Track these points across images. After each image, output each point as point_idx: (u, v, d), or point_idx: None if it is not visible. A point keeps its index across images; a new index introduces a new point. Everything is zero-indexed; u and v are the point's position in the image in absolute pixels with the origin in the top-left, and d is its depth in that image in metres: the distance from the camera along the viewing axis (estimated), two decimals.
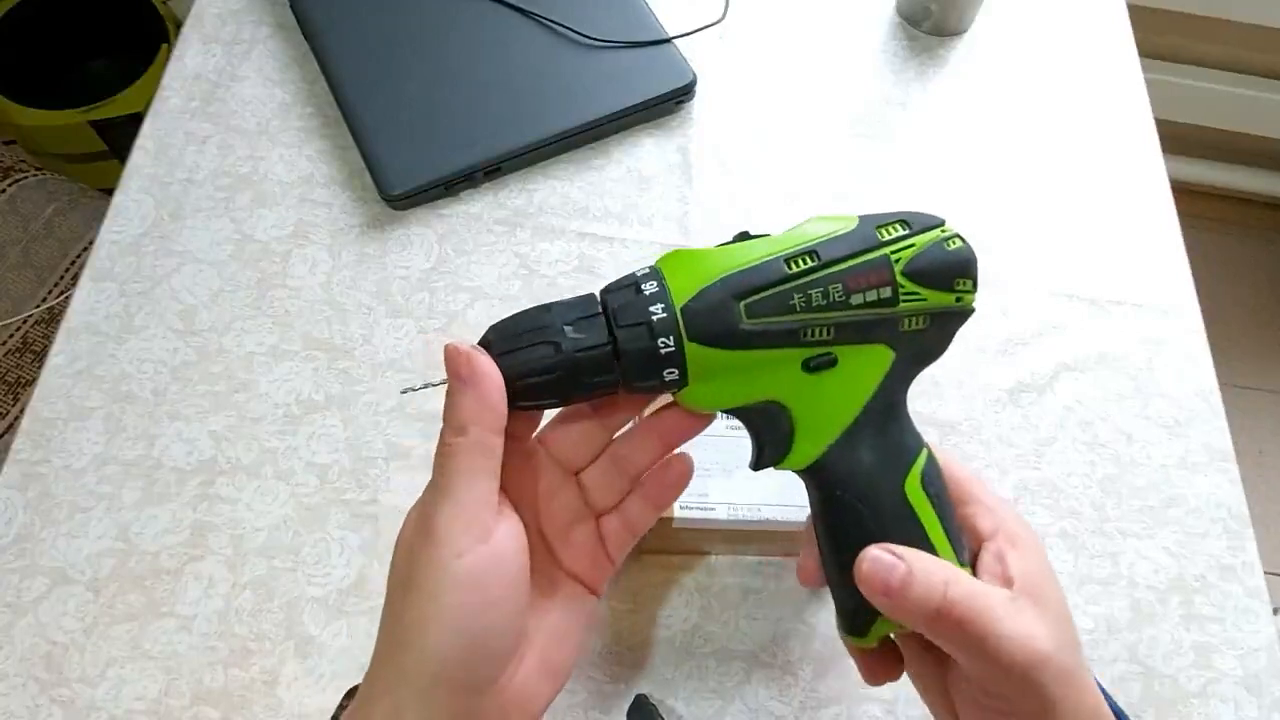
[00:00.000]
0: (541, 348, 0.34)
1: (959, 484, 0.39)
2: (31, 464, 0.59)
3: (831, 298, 0.34)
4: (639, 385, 0.35)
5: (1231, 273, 1.66)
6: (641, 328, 0.34)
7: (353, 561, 0.57)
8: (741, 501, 0.50)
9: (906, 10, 0.80)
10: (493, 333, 0.36)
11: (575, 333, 0.34)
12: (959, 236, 0.36)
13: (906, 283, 0.34)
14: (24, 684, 0.53)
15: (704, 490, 0.51)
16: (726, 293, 0.34)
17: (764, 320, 0.34)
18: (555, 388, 0.35)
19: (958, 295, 0.36)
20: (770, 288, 0.34)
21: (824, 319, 0.34)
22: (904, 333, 0.35)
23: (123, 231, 0.67)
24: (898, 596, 0.33)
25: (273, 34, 0.76)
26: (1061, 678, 0.33)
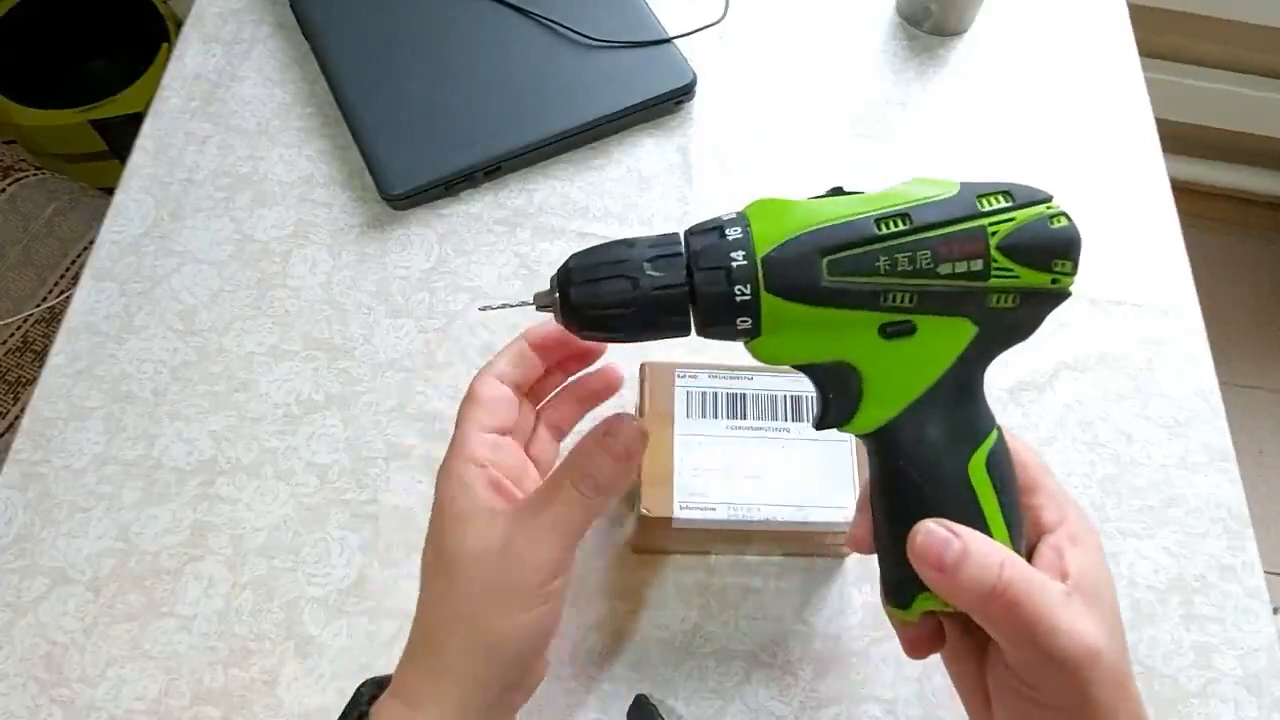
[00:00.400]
0: (619, 281, 0.34)
1: (1028, 472, 0.38)
2: (31, 464, 0.59)
3: (919, 264, 0.33)
4: (711, 330, 0.35)
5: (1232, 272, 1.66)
6: (719, 272, 0.33)
7: (353, 561, 0.57)
8: (741, 501, 0.51)
9: (906, 10, 0.80)
10: (574, 260, 0.35)
11: (654, 270, 0.34)
12: (1065, 215, 0.34)
13: (1000, 258, 0.33)
14: (24, 684, 0.53)
15: (704, 490, 0.51)
16: (811, 246, 0.33)
17: (846, 279, 0.33)
18: (628, 323, 0.35)
19: (1054, 276, 0.34)
20: (857, 246, 0.33)
21: (908, 285, 0.33)
22: (991, 309, 0.34)
23: (123, 231, 0.67)
24: (950, 573, 0.33)
25: (273, 34, 0.76)
26: (1107, 679, 0.32)
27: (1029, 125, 0.76)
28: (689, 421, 0.52)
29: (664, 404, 0.53)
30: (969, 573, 0.32)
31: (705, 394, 0.53)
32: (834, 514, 0.50)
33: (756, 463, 0.52)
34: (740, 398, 0.53)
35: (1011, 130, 0.76)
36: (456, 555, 0.37)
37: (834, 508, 0.50)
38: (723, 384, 0.54)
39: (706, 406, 0.53)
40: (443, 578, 0.38)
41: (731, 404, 0.53)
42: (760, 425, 0.53)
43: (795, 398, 0.53)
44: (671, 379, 0.53)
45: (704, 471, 0.51)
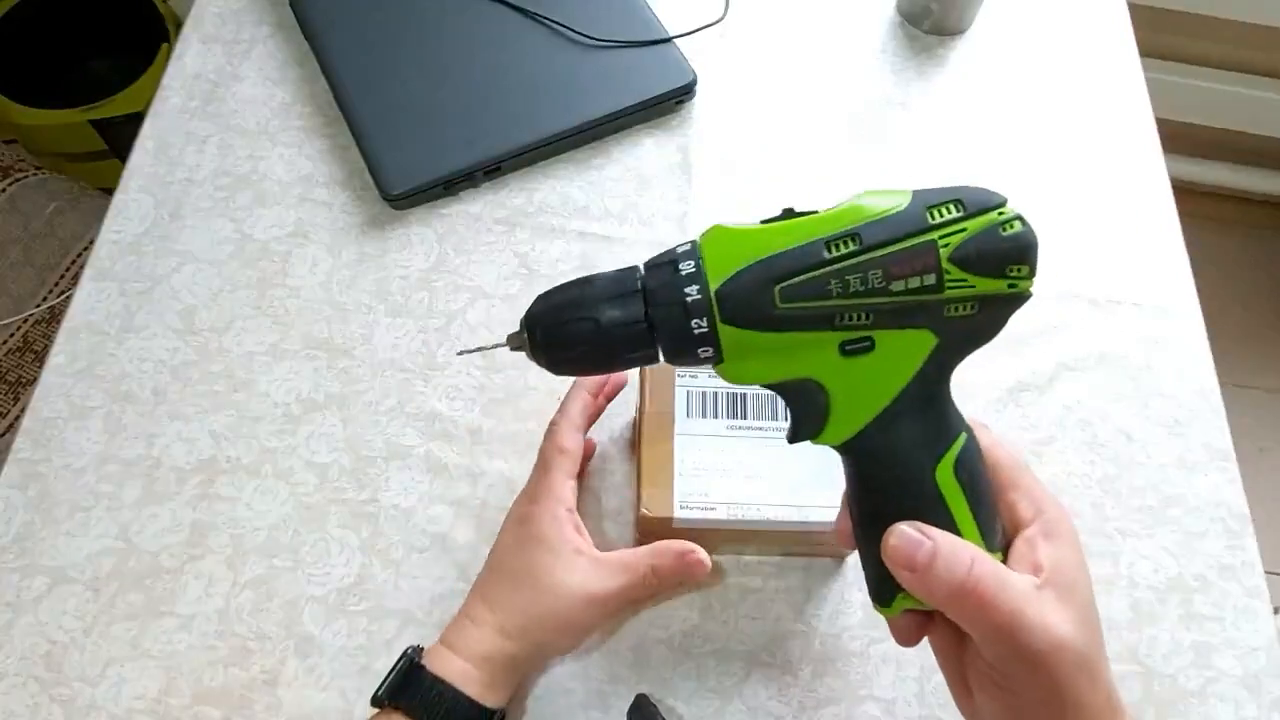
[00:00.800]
0: (582, 323, 0.36)
1: (1004, 470, 0.39)
2: (32, 463, 0.59)
3: (870, 284, 0.33)
4: (677, 359, 0.36)
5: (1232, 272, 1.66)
6: (676, 308, 0.34)
7: (352, 561, 0.57)
8: (742, 501, 0.50)
9: (907, 10, 0.80)
10: (538, 304, 0.38)
11: (612, 309, 0.35)
12: (1019, 219, 0.34)
13: (954, 269, 0.33)
14: (24, 683, 0.53)
15: (704, 490, 0.51)
16: (762, 276, 0.33)
17: (799, 305, 0.33)
18: (596, 359, 0.37)
19: (1011, 282, 0.34)
20: (807, 271, 0.33)
21: (861, 304, 0.33)
22: (949, 318, 0.34)
23: (123, 231, 0.67)
24: (921, 573, 0.34)
25: (273, 34, 0.76)
26: (1075, 669, 0.34)
27: (1029, 125, 0.76)
28: (689, 421, 0.52)
29: (664, 404, 0.53)
30: (939, 572, 0.34)
31: (705, 394, 0.53)
32: (834, 514, 0.50)
33: (757, 463, 0.51)
34: (740, 398, 0.53)
35: (1011, 130, 0.76)
36: (541, 581, 0.48)
37: (834, 508, 0.50)
38: (723, 384, 0.53)
39: (707, 406, 0.53)
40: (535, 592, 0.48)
41: (732, 404, 0.53)
42: (761, 425, 0.53)
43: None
44: (672, 379, 0.53)
45: (704, 471, 0.51)
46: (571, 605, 0.48)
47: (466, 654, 0.48)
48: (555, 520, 0.50)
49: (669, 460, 0.51)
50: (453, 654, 0.48)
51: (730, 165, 0.73)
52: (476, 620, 0.49)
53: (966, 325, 0.35)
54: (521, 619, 0.49)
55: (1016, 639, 0.33)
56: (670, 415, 0.52)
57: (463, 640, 0.49)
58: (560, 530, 0.49)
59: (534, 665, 0.53)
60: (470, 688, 0.47)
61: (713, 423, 0.52)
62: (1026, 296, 0.35)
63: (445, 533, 0.58)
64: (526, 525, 0.50)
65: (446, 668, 0.48)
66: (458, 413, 0.62)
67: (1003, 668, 0.35)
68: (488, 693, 0.48)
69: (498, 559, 0.52)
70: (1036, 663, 0.33)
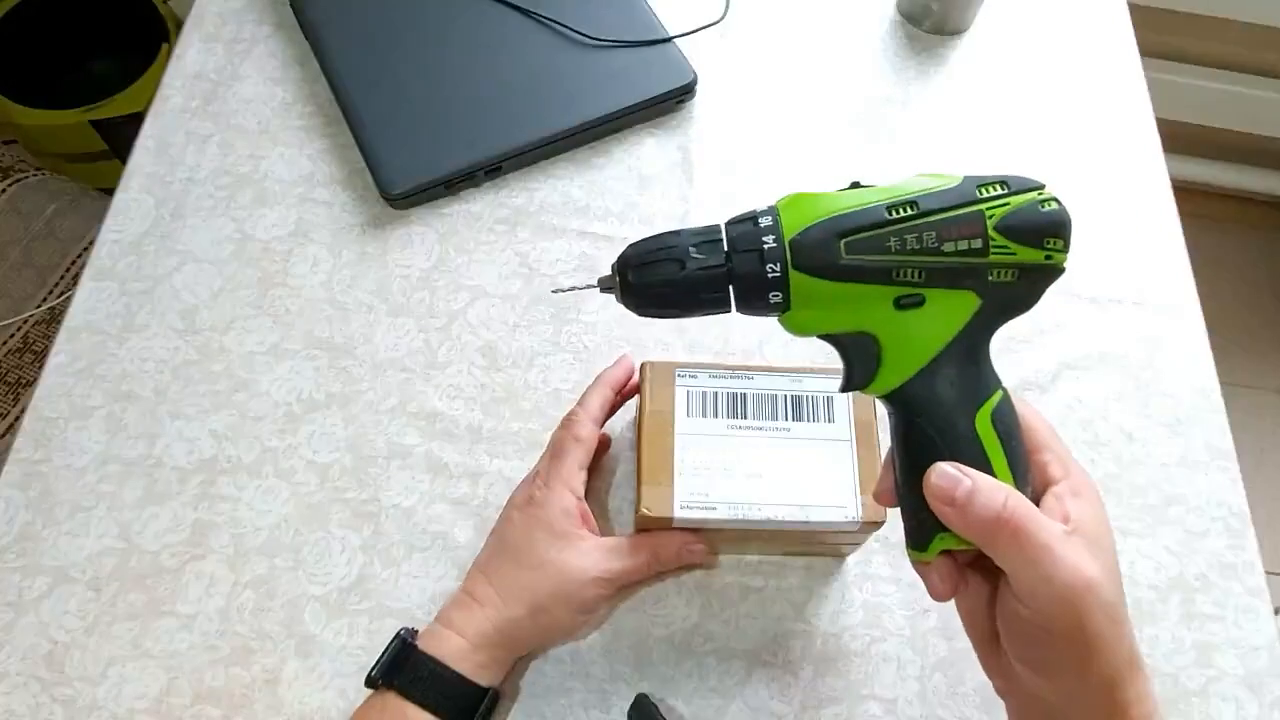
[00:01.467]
0: (669, 265, 0.39)
1: (1037, 432, 0.41)
2: (33, 463, 0.59)
3: (925, 243, 0.37)
4: (748, 306, 0.39)
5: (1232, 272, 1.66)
6: (753, 254, 0.38)
7: (354, 560, 0.57)
8: (742, 501, 0.50)
9: (907, 9, 0.80)
10: (630, 248, 0.41)
11: (698, 253, 0.39)
12: (1056, 199, 0.38)
13: (998, 237, 0.37)
14: (25, 683, 0.53)
15: (705, 489, 0.51)
16: (831, 230, 0.37)
17: (861, 258, 0.37)
18: (677, 301, 0.40)
19: (1048, 254, 0.38)
20: (870, 229, 0.37)
21: (916, 262, 0.37)
22: (992, 283, 0.38)
23: (123, 231, 0.67)
24: (961, 507, 0.36)
25: (273, 33, 0.76)
26: (1101, 609, 0.35)
27: (1029, 124, 0.76)
28: (689, 420, 0.52)
29: (664, 402, 0.53)
30: (977, 506, 0.36)
31: (706, 393, 0.53)
32: (835, 513, 0.50)
33: (757, 462, 0.52)
34: (741, 397, 0.53)
35: (1012, 129, 0.76)
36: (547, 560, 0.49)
37: (835, 507, 0.50)
38: (723, 383, 0.54)
39: (707, 405, 0.53)
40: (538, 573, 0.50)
41: (732, 403, 0.53)
42: (760, 424, 0.53)
43: (796, 397, 0.53)
44: (672, 378, 0.53)
45: (704, 470, 0.51)
46: (576, 586, 0.50)
47: (465, 632, 0.49)
48: (564, 507, 0.51)
49: (669, 459, 0.51)
50: (450, 632, 0.49)
51: (731, 165, 0.73)
52: (481, 600, 0.50)
53: (1007, 291, 0.38)
54: (528, 600, 0.50)
55: (1049, 570, 0.35)
56: (670, 414, 0.52)
57: (463, 618, 0.50)
58: (568, 515, 0.51)
59: (532, 645, 0.53)
60: (464, 665, 0.48)
61: (713, 422, 0.52)
62: (1061, 270, 0.39)
63: (446, 532, 0.58)
64: (535, 508, 0.51)
65: (441, 646, 0.49)
66: (458, 412, 0.62)
67: (1033, 602, 0.36)
68: (482, 671, 0.49)
69: (503, 539, 0.52)
70: (1066, 598, 0.35)
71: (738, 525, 0.51)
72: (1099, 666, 0.36)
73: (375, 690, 0.49)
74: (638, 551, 0.51)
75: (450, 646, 0.49)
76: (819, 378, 0.54)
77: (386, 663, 0.49)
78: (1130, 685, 0.37)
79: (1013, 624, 0.38)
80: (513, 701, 0.53)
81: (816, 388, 0.54)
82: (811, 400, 0.53)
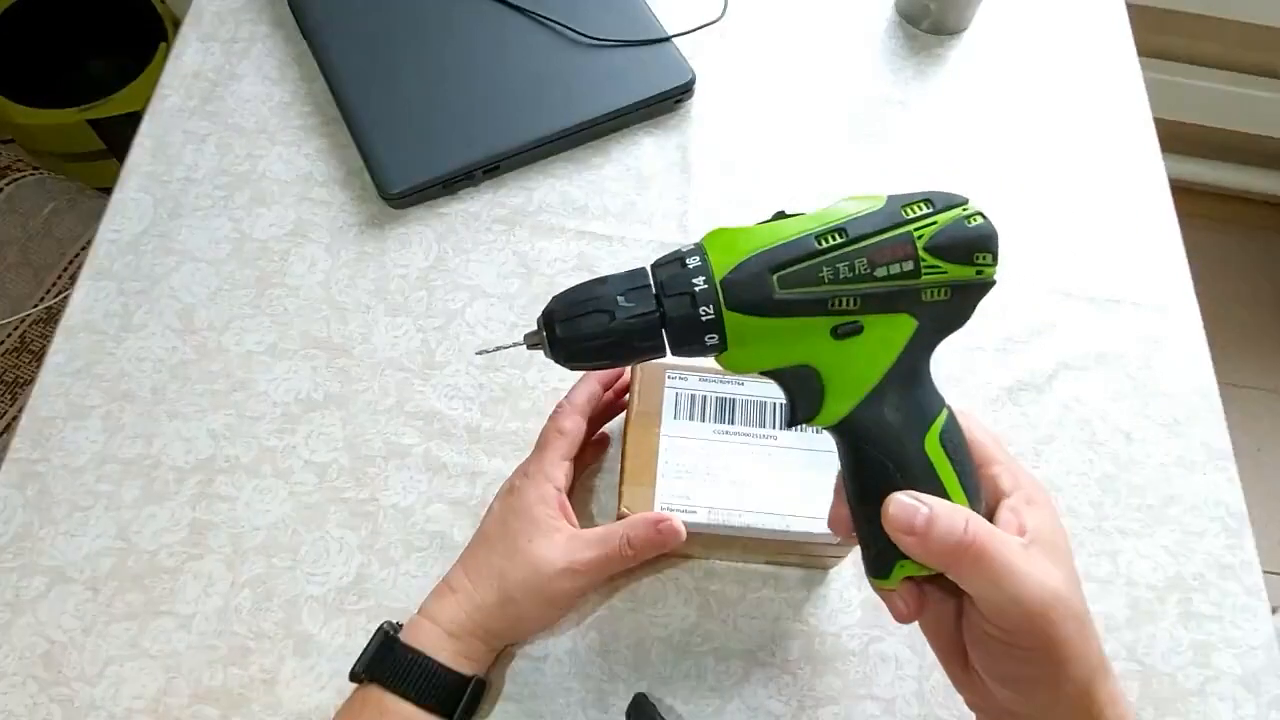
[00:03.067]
0: (598, 316, 0.39)
1: (982, 446, 0.41)
2: (30, 463, 0.59)
3: (857, 270, 0.37)
4: (684, 349, 0.39)
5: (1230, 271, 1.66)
6: (685, 297, 0.38)
7: (351, 560, 0.57)
8: (724, 506, 0.50)
9: (905, 9, 0.80)
10: (555, 301, 0.40)
11: (626, 302, 0.38)
12: (980, 214, 0.38)
13: (928, 257, 0.37)
14: (23, 683, 0.53)
15: (686, 492, 0.50)
16: (761, 266, 0.37)
17: (795, 290, 0.37)
18: (609, 352, 0.39)
19: (978, 269, 0.38)
20: (801, 261, 0.37)
21: (850, 290, 0.37)
22: (926, 303, 0.38)
23: (121, 230, 0.67)
24: (921, 535, 0.36)
25: (271, 32, 0.76)
26: (1071, 620, 0.36)
27: (1028, 124, 0.76)
28: (676, 423, 0.52)
29: (652, 404, 0.53)
30: (938, 533, 0.36)
31: (694, 396, 0.53)
32: (816, 525, 0.50)
33: (741, 468, 0.51)
34: (729, 402, 0.53)
35: (1010, 129, 0.76)
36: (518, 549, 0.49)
37: (817, 518, 0.50)
38: (713, 388, 0.53)
39: (695, 409, 0.53)
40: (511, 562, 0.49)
41: (720, 408, 0.53)
42: (747, 431, 0.53)
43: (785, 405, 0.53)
44: (662, 380, 0.53)
45: (687, 474, 0.51)
46: (546, 575, 0.49)
47: (440, 620, 0.50)
48: (541, 496, 0.51)
49: (653, 460, 0.51)
50: (430, 623, 0.50)
51: (729, 164, 0.73)
52: (454, 587, 0.51)
53: (941, 309, 0.38)
54: (498, 586, 0.50)
55: (1015, 590, 0.35)
56: (657, 416, 0.52)
57: (439, 606, 0.50)
58: (544, 505, 0.51)
59: (507, 635, 0.53)
60: (442, 654, 0.48)
61: (700, 426, 0.52)
62: (992, 283, 0.39)
63: (444, 531, 0.58)
64: (513, 497, 0.52)
65: (421, 637, 0.49)
66: (456, 412, 0.62)
67: (1001, 621, 0.36)
68: (463, 660, 0.49)
69: (483, 529, 0.53)
70: (1034, 614, 0.35)
71: (718, 530, 0.50)
72: (1071, 674, 0.36)
73: (359, 684, 0.49)
74: (610, 539, 0.50)
75: (429, 636, 0.49)
76: None
77: (369, 656, 0.49)
78: (1101, 687, 0.37)
79: (982, 643, 0.38)
80: (511, 701, 0.53)
81: None
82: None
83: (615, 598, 0.57)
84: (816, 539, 0.51)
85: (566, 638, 0.56)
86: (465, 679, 0.50)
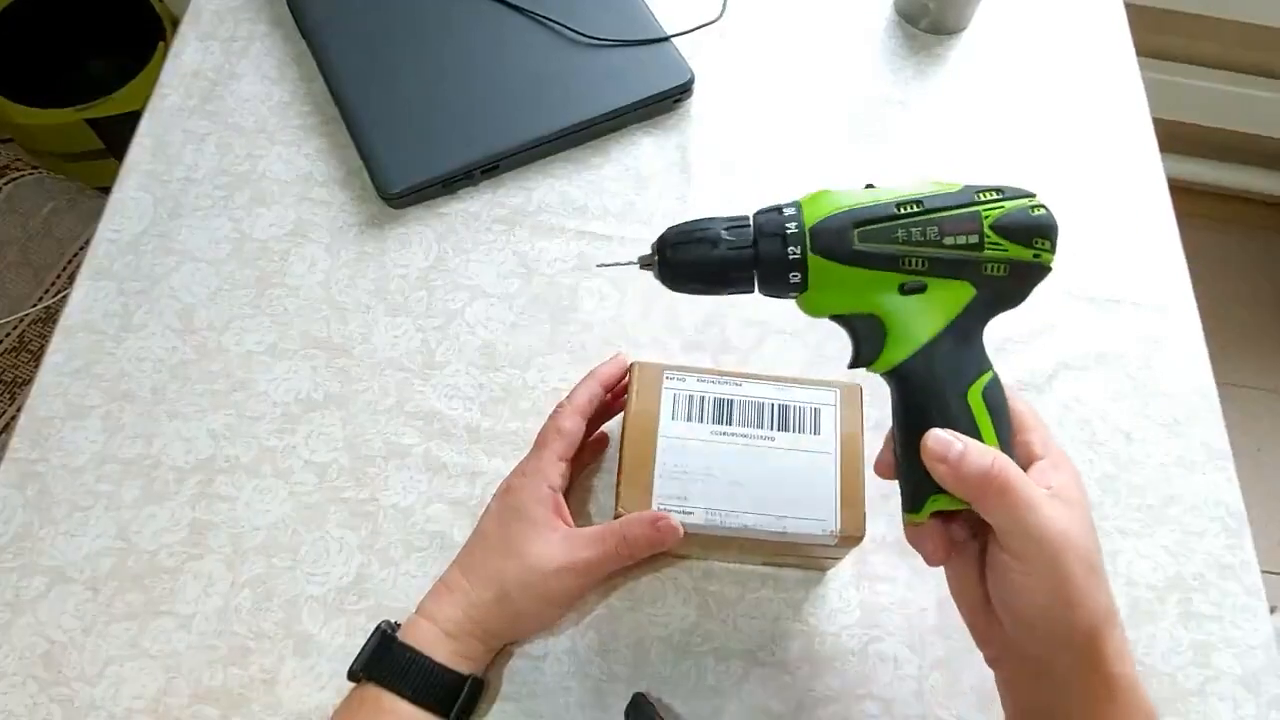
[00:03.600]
0: (703, 244, 0.44)
1: (1022, 416, 0.45)
2: (30, 463, 0.59)
3: (928, 236, 0.42)
4: (770, 286, 0.44)
5: (1229, 271, 1.66)
6: (777, 238, 0.43)
7: (351, 560, 0.57)
8: (721, 508, 0.50)
9: (904, 8, 0.80)
10: (669, 230, 0.45)
11: (729, 235, 0.44)
12: (1044, 206, 0.43)
13: (992, 234, 0.42)
14: (23, 683, 0.53)
15: (683, 493, 0.51)
16: (847, 221, 0.42)
17: (873, 245, 0.42)
18: (708, 277, 0.44)
19: (1036, 253, 0.43)
20: (881, 221, 0.42)
21: (920, 252, 0.42)
22: (986, 276, 0.43)
23: (121, 230, 0.67)
24: (954, 465, 0.40)
25: (270, 32, 0.76)
26: (1083, 564, 0.39)
27: (1027, 123, 0.76)
28: (674, 424, 0.52)
29: (650, 404, 0.53)
30: (968, 463, 0.40)
31: (692, 397, 0.53)
32: (813, 526, 0.50)
33: (739, 470, 0.51)
34: (728, 403, 0.53)
35: (1009, 128, 0.76)
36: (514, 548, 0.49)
37: (813, 519, 0.50)
38: (711, 388, 0.53)
39: (693, 410, 0.53)
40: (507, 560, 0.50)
41: (718, 409, 0.53)
42: (745, 432, 0.52)
43: (783, 407, 0.53)
44: (660, 380, 0.53)
45: (684, 474, 0.51)
46: (542, 574, 0.49)
47: (437, 618, 0.50)
48: (537, 495, 0.51)
49: (650, 461, 0.51)
50: (428, 622, 0.50)
51: (728, 164, 0.73)
52: (451, 586, 0.51)
53: (999, 284, 0.43)
54: (495, 586, 0.50)
55: (1034, 522, 0.39)
56: (655, 416, 0.52)
57: (436, 605, 0.51)
58: (540, 504, 0.51)
59: (505, 635, 0.53)
60: (439, 653, 0.49)
61: (697, 427, 0.52)
62: (1048, 269, 0.44)
63: (444, 531, 0.58)
64: (509, 496, 0.52)
65: (418, 635, 0.49)
66: (456, 412, 0.62)
67: (1021, 552, 0.39)
68: (459, 659, 0.49)
69: (480, 528, 0.53)
70: (1048, 547, 0.39)
71: (715, 531, 0.50)
72: (1080, 617, 0.39)
73: (357, 683, 0.49)
74: (606, 538, 0.50)
75: (426, 635, 0.49)
76: (808, 388, 0.54)
77: (367, 655, 0.49)
78: (1109, 639, 0.40)
79: (1001, 578, 0.41)
80: (510, 700, 0.53)
81: (804, 398, 0.54)
82: (798, 410, 0.53)
83: (614, 597, 0.57)
84: (812, 540, 0.51)
85: (565, 637, 0.56)
86: (462, 678, 0.50)
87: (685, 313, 0.66)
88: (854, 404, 0.54)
